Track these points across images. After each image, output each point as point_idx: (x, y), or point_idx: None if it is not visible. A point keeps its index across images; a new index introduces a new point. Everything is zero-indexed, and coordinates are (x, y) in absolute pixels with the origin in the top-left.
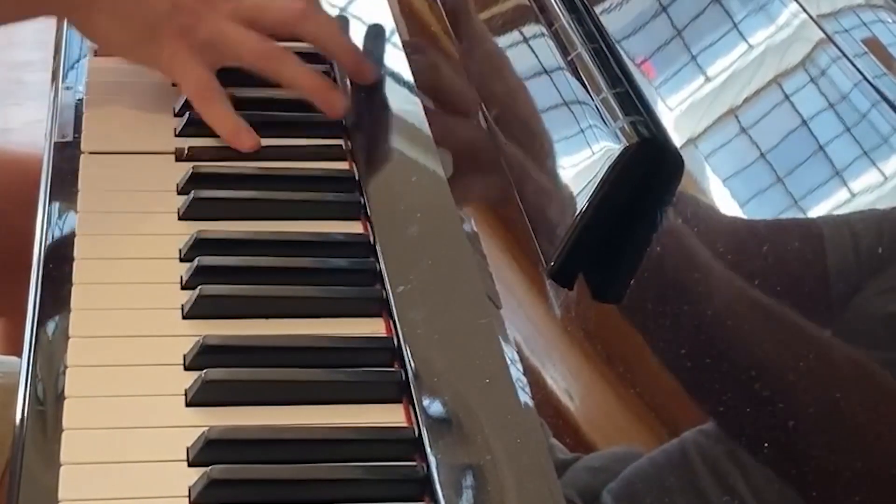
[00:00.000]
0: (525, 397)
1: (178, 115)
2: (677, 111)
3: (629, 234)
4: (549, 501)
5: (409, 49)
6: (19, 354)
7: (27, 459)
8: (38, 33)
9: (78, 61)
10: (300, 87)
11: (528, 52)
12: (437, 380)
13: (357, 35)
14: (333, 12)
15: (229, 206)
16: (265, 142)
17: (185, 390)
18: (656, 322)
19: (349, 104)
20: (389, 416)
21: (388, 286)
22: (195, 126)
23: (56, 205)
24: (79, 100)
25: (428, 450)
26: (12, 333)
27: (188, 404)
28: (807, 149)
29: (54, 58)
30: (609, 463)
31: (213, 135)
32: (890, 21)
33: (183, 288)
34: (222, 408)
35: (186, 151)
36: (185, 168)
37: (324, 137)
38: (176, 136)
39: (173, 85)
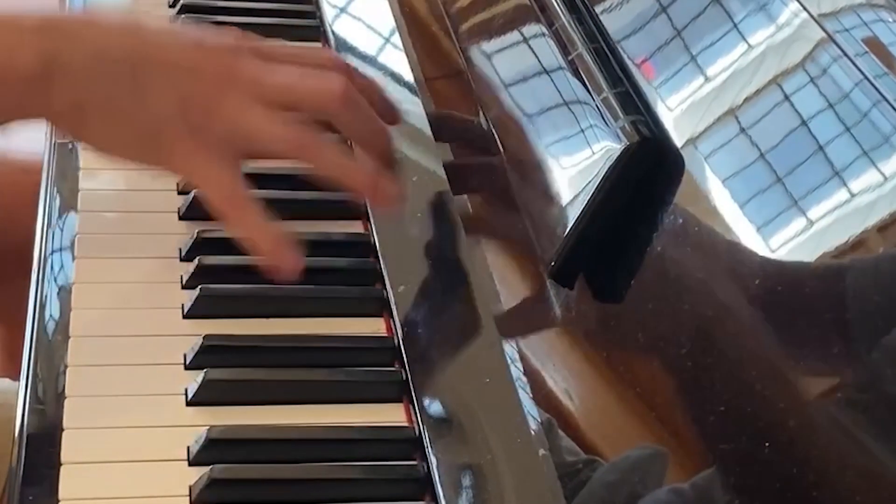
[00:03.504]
0: (525, 397)
1: None
2: (678, 111)
3: (629, 234)
4: (549, 501)
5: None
6: (17, 371)
7: (27, 459)
8: None
9: None
10: (343, 182)
11: (528, 52)
12: (437, 380)
13: (357, 35)
14: (333, 12)
15: None
16: None
17: (186, 390)
18: (656, 322)
19: (402, 192)
20: (390, 415)
21: (388, 286)
22: None
23: (56, 205)
24: None
25: (428, 449)
26: (11, 335)
27: (189, 404)
28: (807, 149)
29: None
30: (625, 475)
31: None
32: (890, 20)
33: (183, 287)
34: (223, 407)
35: None
36: None
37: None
38: None
39: None
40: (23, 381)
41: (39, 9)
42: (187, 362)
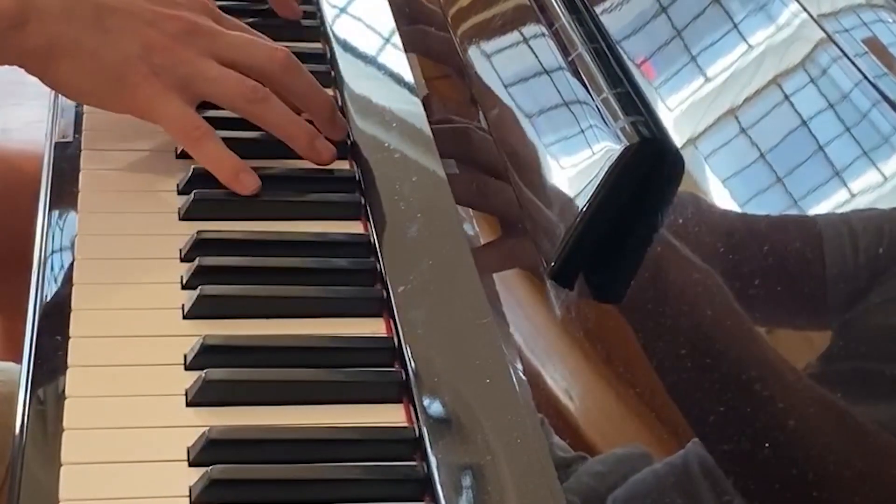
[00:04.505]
0: (525, 397)
1: None
2: (678, 111)
3: (629, 235)
4: (549, 501)
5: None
6: (18, 357)
7: (27, 459)
8: None
9: None
10: (284, 134)
11: (528, 52)
12: (437, 380)
13: (357, 35)
14: (333, 12)
15: (229, 206)
16: (265, 142)
17: (186, 390)
18: (656, 322)
19: (334, 153)
20: (389, 416)
21: (388, 286)
22: None
23: (56, 205)
24: None
25: (428, 450)
26: (11, 333)
27: (188, 404)
28: (807, 149)
29: None
30: (612, 467)
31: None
32: (890, 21)
33: (183, 288)
34: (223, 408)
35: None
36: (186, 168)
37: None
38: None
39: None
40: (23, 382)
41: None
42: (187, 363)
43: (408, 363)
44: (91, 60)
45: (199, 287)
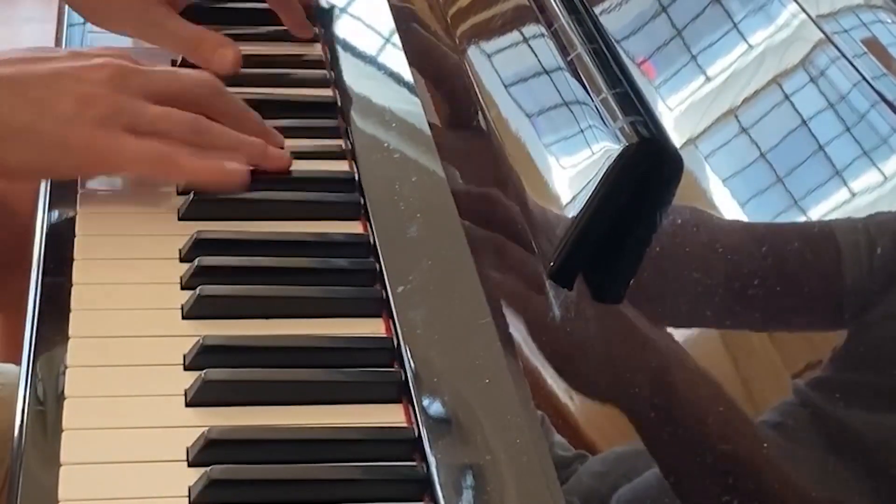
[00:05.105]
0: (525, 397)
1: None
2: (677, 111)
3: (629, 235)
4: (549, 501)
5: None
6: (17, 357)
7: (27, 459)
8: (38, 33)
9: None
10: (239, 157)
11: (527, 52)
12: (437, 380)
13: (357, 35)
14: (333, 13)
15: (229, 206)
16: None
17: (185, 390)
18: (655, 322)
19: (289, 157)
20: (389, 416)
21: (388, 286)
22: None
23: (56, 205)
24: None
25: (428, 450)
26: (11, 331)
27: (188, 404)
28: (806, 149)
29: None
30: (612, 467)
31: None
32: (889, 21)
33: (183, 288)
34: (222, 408)
35: None
36: None
37: (324, 138)
38: None
39: None
40: (23, 382)
41: None
42: (186, 363)
43: (407, 363)
44: (29, 135)
45: (199, 287)
